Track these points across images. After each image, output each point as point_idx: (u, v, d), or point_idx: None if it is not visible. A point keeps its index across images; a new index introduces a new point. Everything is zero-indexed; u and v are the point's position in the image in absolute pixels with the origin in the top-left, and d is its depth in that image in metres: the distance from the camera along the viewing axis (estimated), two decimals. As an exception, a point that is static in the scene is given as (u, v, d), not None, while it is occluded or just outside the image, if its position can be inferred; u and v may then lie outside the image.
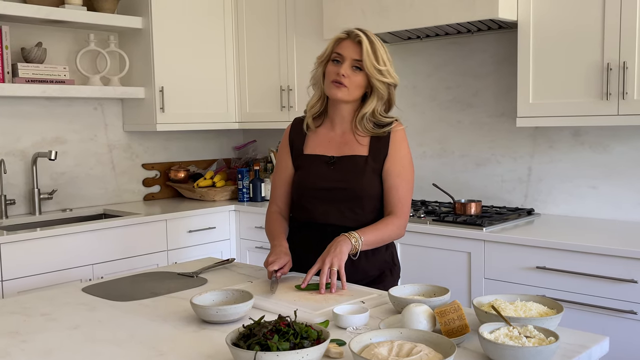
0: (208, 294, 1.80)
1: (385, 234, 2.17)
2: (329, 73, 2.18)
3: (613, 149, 3.21)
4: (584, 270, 2.67)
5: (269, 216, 2.36)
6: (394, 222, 2.18)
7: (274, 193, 2.37)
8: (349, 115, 2.24)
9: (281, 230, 2.28)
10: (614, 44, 2.80)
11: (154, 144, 4.44)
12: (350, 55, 2.14)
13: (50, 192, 3.82)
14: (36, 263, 3.18)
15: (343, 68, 2.14)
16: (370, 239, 2.12)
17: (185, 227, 3.85)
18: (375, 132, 2.22)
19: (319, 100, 2.28)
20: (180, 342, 1.58)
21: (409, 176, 2.24)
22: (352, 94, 2.18)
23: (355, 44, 2.14)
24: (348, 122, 2.25)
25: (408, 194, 2.23)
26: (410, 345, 1.34)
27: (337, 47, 2.17)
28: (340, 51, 2.16)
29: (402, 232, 2.23)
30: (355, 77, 2.15)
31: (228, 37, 4.37)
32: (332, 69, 2.17)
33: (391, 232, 2.18)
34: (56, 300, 1.98)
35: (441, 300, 1.72)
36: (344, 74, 2.13)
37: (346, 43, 2.16)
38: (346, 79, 2.14)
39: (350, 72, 2.14)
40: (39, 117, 3.85)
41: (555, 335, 1.39)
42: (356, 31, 2.16)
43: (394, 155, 2.20)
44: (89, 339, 1.62)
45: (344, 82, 2.14)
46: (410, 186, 2.24)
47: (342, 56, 2.15)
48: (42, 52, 3.69)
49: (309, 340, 1.35)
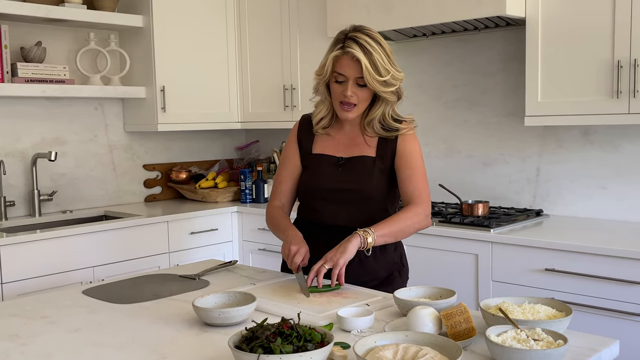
0: (210, 296, 1.81)
1: (404, 224, 2.13)
2: (335, 93, 2.17)
3: (623, 148, 3.21)
4: (594, 273, 2.67)
5: (271, 210, 2.33)
6: (411, 210, 2.15)
7: (278, 188, 2.35)
8: (358, 118, 2.24)
9: (290, 222, 2.26)
10: (624, 40, 2.80)
11: (155, 144, 4.45)
12: (351, 74, 2.11)
13: (50, 194, 3.83)
14: (36, 265, 3.19)
15: (349, 89, 2.12)
16: (384, 230, 2.08)
17: (187, 229, 3.86)
18: (384, 134, 2.22)
19: (328, 113, 2.27)
20: (182, 345, 1.58)
21: (422, 167, 2.22)
22: (361, 109, 2.18)
23: (353, 61, 2.09)
24: (357, 125, 2.26)
25: (424, 182, 2.21)
26: (416, 349, 1.35)
27: (336, 67, 2.13)
28: (340, 71, 2.12)
29: (425, 220, 2.18)
30: (361, 93, 2.14)
31: (230, 36, 4.37)
32: (337, 88, 2.16)
33: (409, 220, 2.14)
34: (56, 302, 1.99)
35: (447, 302, 1.72)
36: (351, 95, 2.12)
37: (344, 61, 2.11)
38: (354, 98, 2.13)
39: (356, 89, 2.13)
40: (39, 118, 3.86)
41: (564, 339, 1.39)
42: (350, 48, 2.08)
43: (403, 152, 2.21)
44: (89, 342, 1.62)
45: (352, 102, 2.14)
46: (424, 176, 2.22)
47: (343, 76, 2.13)
48: (42, 51, 3.70)
49: (312, 343, 1.35)
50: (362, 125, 2.24)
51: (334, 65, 2.13)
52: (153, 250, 3.68)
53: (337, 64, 2.13)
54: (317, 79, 2.22)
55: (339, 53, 2.11)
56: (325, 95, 2.23)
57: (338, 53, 2.12)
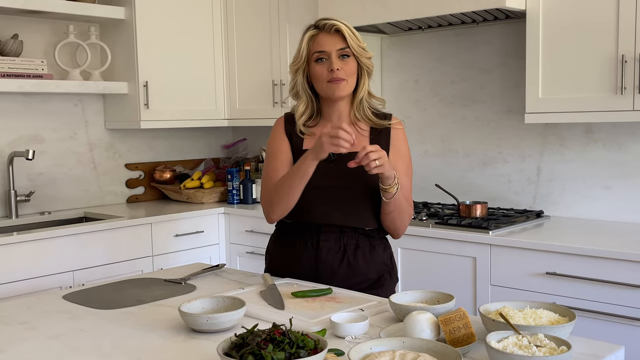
0: (197, 301, 1.80)
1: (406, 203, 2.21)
2: (318, 74, 2.19)
3: (628, 147, 3.23)
4: (597, 276, 2.68)
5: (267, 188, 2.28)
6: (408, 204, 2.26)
7: (271, 181, 2.25)
8: (345, 109, 2.26)
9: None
10: (629, 34, 2.81)
11: (137, 142, 4.44)
12: (333, 47, 2.16)
13: (27, 194, 3.81)
14: (13, 269, 3.18)
15: (334, 63, 2.15)
16: (404, 183, 2.17)
17: (171, 231, 3.85)
18: (375, 122, 2.26)
19: (307, 106, 2.28)
20: (168, 353, 1.58)
21: (411, 174, 2.32)
22: (352, 84, 2.22)
23: (332, 34, 2.17)
24: (346, 117, 2.27)
25: (411, 183, 2.32)
26: (413, 355, 1.35)
27: (314, 46, 2.18)
28: (321, 48, 2.17)
29: (409, 220, 2.27)
30: (347, 66, 2.18)
31: (216, 29, 4.37)
32: (320, 69, 2.18)
33: (407, 207, 2.23)
34: (35, 308, 1.98)
35: (445, 307, 1.72)
36: (338, 68, 2.15)
37: (322, 37, 2.18)
38: (341, 72, 2.16)
39: (340, 63, 2.17)
40: (15, 114, 3.84)
41: (567, 345, 1.39)
42: (327, 21, 2.18)
43: (397, 153, 2.25)
44: (70, 348, 1.62)
45: (341, 76, 2.16)
46: (411, 185, 2.32)
47: (325, 52, 2.17)
48: (19, 44, 3.68)
49: (305, 350, 1.36)
50: (352, 113, 2.26)
51: (310, 47, 2.19)
52: (136, 253, 3.67)
53: (314, 44, 2.19)
54: (294, 69, 2.25)
55: (315, 32, 2.20)
56: (305, 87, 2.25)
57: (314, 32, 2.20)
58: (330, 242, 2.22)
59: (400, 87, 4.01)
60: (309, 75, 2.23)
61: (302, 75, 2.24)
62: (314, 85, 2.23)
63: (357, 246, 2.23)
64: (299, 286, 2.13)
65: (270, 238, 2.43)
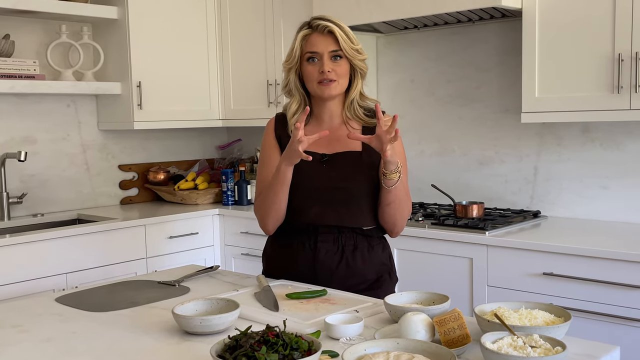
0: (191, 303, 1.81)
1: (405, 195, 2.22)
2: (310, 74, 2.21)
3: (626, 147, 3.24)
4: (594, 277, 2.69)
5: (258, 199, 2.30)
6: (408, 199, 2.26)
7: (264, 187, 2.27)
8: (337, 109, 2.28)
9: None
10: (625, 33, 2.82)
11: (131, 143, 4.44)
12: (325, 48, 2.17)
13: (19, 196, 3.81)
14: (5, 272, 3.18)
15: (325, 64, 2.17)
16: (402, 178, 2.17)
17: (165, 233, 3.85)
18: (366, 120, 2.27)
19: (300, 105, 2.29)
20: (162, 355, 1.59)
21: (407, 172, 2.32)
22: (343, 85, 2.23)
23: (324, 35, 2.18)
24: (338, 116, 2.28)
25: (407, 181, 2.31)
26: (408, 356, 1.36)
27: (307, 46, 2.20)
28: (313, 49, 2.19)
29: (407, 215, 2.28)
30: (339, 68, 2.19)
31: (210, 28, 4.37)
32: (311, 69, 2.20)
33: (407, 199, 2.24)
34: (28, 311, 1.99)
35: (441, 308, 1.73)
36: (329, 70, 2.17)
37: (315, 38, 2.19)
38: (332, 73, 2.18)
39: (332, 64, 2.18)
40: (7, 115, 3.84)
41: (562, 345, 1.40)
42: (320, 22, 2.19)
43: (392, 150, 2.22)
44: (63, 352, 1.63)
45: (332, 78, 2.18)
46: (407, 182, 2.32)
47: (317, 53, 2.18)
48: (10, 45, 3.68)
49: (299, 351, 1.36)
50: (344, 113, 2.28)
51: (303, 47, 2.21)
52: (129, 255, 3.67)
53: (307, 44, 2.20)
54: (287, 67, 2.27)
55: (308, 32, 2.21)
56: (297, 86, 2.27)
57: (307, 32, 2.21)
58: (328, 242, 2.22)
59: (396, 86, 4.02)
60: (301, 74, 2.25)
61: (295, 74, 2.26)
62: (306, 84, 2.25)
63: (355, 246, 2.23)
64: (293, 287, 2.14)
65: (268, 240, 2.43)
